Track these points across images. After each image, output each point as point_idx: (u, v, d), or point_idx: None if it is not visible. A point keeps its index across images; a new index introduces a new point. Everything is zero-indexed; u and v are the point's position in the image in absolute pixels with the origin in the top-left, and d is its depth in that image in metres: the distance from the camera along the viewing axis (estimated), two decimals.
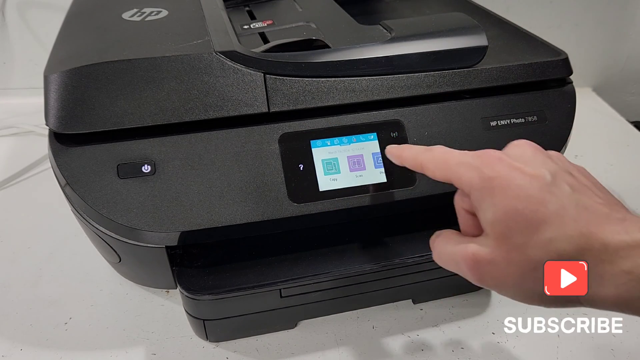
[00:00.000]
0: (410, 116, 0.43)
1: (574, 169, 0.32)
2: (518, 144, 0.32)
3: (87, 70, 0.39)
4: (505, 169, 0.29)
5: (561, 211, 0.28)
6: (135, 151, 0.39)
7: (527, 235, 0.28)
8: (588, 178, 0.31)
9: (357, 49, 0.43)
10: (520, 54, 0.49)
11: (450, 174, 0.32)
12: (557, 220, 0.27)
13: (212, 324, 0.45)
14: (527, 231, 0.28)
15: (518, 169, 0.29)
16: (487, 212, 0.30)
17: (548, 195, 0.28)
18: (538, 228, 0.28)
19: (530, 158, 0.31)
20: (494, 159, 0.30)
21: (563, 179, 0.29)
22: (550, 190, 0.28)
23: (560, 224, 0.27)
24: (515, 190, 0.28)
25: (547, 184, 0.29)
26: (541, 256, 0.28)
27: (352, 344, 0.47)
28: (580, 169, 0.33)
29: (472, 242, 0.31)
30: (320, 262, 0.43)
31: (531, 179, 0.29)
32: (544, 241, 0.27)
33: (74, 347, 0.47)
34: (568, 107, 0.47)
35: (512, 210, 0.28)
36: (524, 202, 0.28)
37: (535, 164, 0.30)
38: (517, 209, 0.28)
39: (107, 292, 0.52)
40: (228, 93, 0.40)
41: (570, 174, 0.30)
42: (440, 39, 0.44)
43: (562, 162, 0.32)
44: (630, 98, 0.99)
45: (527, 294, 0.29)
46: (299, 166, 0.41)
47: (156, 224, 0.38)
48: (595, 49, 0.93)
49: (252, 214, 0.40)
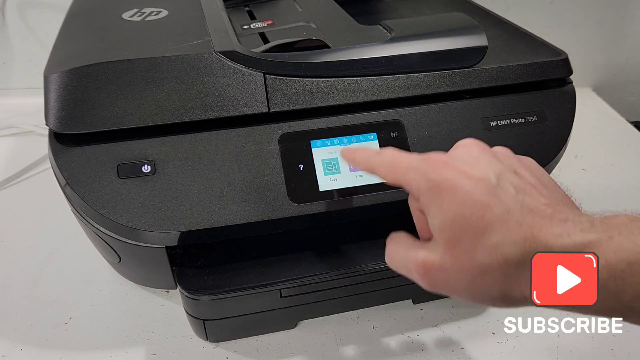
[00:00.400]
0: (410, 116, 0.43)
1: (520, 166, 0.31)
2: (464, 144, 0.32)
3: (87, 70, 0.39)
4: (451, 173, 0.29)
5: (506, 215, 0.28)
6: (135, 151, 0.39)
7: (475, 240, 0.28)
8: (534, 174, 0.31)
9: (357, 49, 0.43)
10: (520, 54, 0.49)
11: (399, 178, 0.32)
12: (502, 224, 0.27)
13: (212, 324, 0.45)
14: (474, 236, 0.28)
15: (464, 172, 0.29)
16: (435, 218, 0.30)
17: (493, 199, 0.28)
18: (484, 233, 0.28)
19: (476, 159, 0.30)
20: (439, 163, 0.30)
21: (508, 180, 0.29)
22: (495, 193, 0.28)
23: (506, 229, 0.27)
24: (462, 196, 0.28)
25: (493, 187, 0.29)
26: (489, 261, 0.28)
27: (352, 344, 0.47)
28: (528, 163, 0.33)
29: (422, 249, 0.31)
30: (320, 262, 0.43)
31: (477, 183, 0.29)
32: (490, 246, 0.28)
33: (74, 347, 0.47)
34: (568, 107, 0.47)
35: (459, 217, 0.28)
36: (470, 207, 0.28)
37: (481, 165, 0.30)
38: (464, 215, 0.28)
39: (107, 292, 0.52)
40: (228, 93, 0.40)
41: (515, 173, 0.30)
42: (440, 39, 0.44)
43: (508, 159, 0.32)
44: (630, 98, 0.99)
45: (478, 297, 0.29)
46: (299, 166, 0.41)
47: (156, 224, 0.38)
48: (595, 49, 0.93)
49: (252, 214, 0.40)
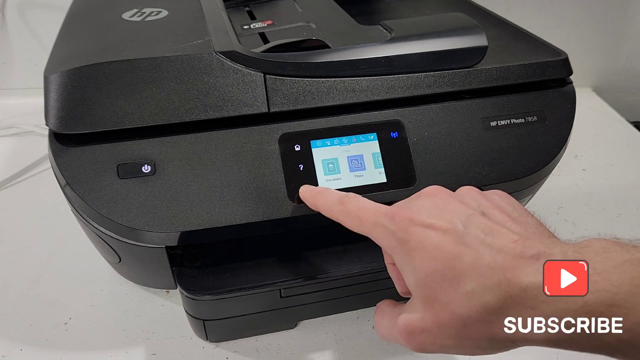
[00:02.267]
0: (410, 116, 0.43)
1: (487, 205, 0.31)
2: (428, 194, 0.32)
3: (87, 70, 0.39)
4: (418, 230, 0.29)
5: (476, 261, 0.27)
6: (135, 151, 0.39)
7: (450, 292, 0.28)
8: (503, 211, 0.30)
9: (357, 49, 0.43)
10: (520, 54, 0.49)
11: (368, 233, 0.32)
12: (475, 271, 0.27)
13: (212, 324, 0.45)
14: (449, 288, 0.28)
15: (430, 226, 0.29)
16: (409, 277, 0.30)
17: (462, 248, 0.28)
18: (459, 283, 0.27)
19: (441, 209, 0.30)
20: (405, 222, 0.30)
21: (475, 225, 0.29)
22: (463, 241, 0.28)
23: (478, 275, 0.27)
24: (431, 251, 0.28)
25: (460, 235, 0.28)
26: (467, 311, 0.27)
27: (352, 344, 0.47)
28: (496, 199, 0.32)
29: (402, 313, 0.30)
30: (320, 262, 0.43)
31: (444, 234, 0.29)
32: (465, 295, 0.27)
33: (74, 347, 0.47)
34: (568, 107, 0.47)
35: (432, 272, 0.28)
36: (441, 260, 0.28)
37: (446, 215, 0.30)
38: (436, 269, 0.28)
39: (107, 292, 0.52)
40: (228, 93, 0.40)
41: (483, 215, 0.30)
42: (440, 39, 0.44)
43: (475, 200, 0.31)
44: (630, 98, 0.99)
45: (467, 350, 0.29)
46: (299, 166, 0.41)
47: (156, 224, 0.38)
48: (595, 49, 0.93)
49: (252, 214, 0.40)
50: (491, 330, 0.27)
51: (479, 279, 0.27)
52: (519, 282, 0.26)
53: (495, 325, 0.27)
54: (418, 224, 0.29)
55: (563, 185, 0.70)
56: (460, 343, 0.28)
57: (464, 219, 0.29)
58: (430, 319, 0.28)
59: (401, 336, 0.30)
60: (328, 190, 0.37)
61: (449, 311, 0.28)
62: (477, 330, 0.27)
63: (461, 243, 0.28)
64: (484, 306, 0.27)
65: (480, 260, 0.27)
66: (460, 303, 0.27)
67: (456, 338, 0.28)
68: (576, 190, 0.69)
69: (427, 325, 0.29)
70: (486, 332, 0.27)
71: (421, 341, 0.29)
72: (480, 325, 0.27)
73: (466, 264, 0.27)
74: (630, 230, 0.61)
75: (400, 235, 0.30)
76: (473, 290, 0.27)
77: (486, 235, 0.28)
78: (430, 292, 0.28)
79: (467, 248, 0.28)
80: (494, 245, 0.27)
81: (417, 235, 0.29)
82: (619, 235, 0.27)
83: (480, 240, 0.28)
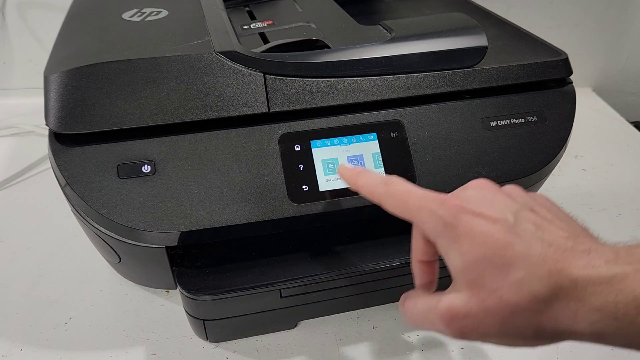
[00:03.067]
0: (410, 116, 0.43)
1: (534, 203, 0.31)
2: (476, 186, 0.32)
3: (87, 70, 0.39)
4: (468, 218, 0.29)
5: (527, 251, 0.27)
6: (135, 151, 0.39)
7: (499, 279, 0.28)
8: (549, 210, 0.31)
9: (357, 49, 0.43)
10: (520, 54, 0.49)
11: (411, 217, 0.32)
12: (525, 261, 0.27)
13: (212, 324, 0.45)
14: (499, 275, 0.28)
15: (480, 215, 0.29)
16: (456, 261, 0.29)
17: (513, 237, 0.28)
18: (508, 271, 0.27)
19: (491, 201, 0.30)
20: (456, 208, 0.30)
21: (525, 218, 0.29)
22: (514, 231, 0.28)
23: (529, 265, 0.27)
24: (481, 238, 0.28)
25: (511, 226, 0.28)
26: (516, 299, 0.27)
27: (352, 344, 0.47)
28: (541, 199, 0.32)
29: (444, 297, 0.30)
30: (320, 262, 0.43)
31: (495, 224, 0.29)
32: (515, 283, 0.27)
33: (74, 347, 0.47)
34: (568, 107, 0.47)
35: (481, 257, 0.28)
36: (490, 247, 0.28)
37: (497, 206, 0.30)
38: (486, 255, 0.28)
39: (107, 292, 0.52)
40: (228, 93, 0.40)
41: (531, 211, 0.30)
42: (440, 39, 0.44)
43: (522, 197, 0.32)
44: (630, 98, 0.99)
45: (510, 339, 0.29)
46: (299, 166, 0.41)
47: (156, 224, 0.38)
48: (595, 49, 0.93)
49: (252, 214, 0.40)
50: (538, 320, 0.27)
51: (530, 268, 0.27)
52: (569, 274, 0.26)
53: (543, 315, 0.27)
54: (468, 212, 0.29)
55: (563, 185, 0.70)
56: (505, 332, 0.28)
57: (514, 211, 0.29)
58: (477, 304, 0.28)
59: (442, 320, 0.30)
60: (369, 171, 0.36)
61: (497, 297, 0.28)
62: (524, 319, 0.27)
63: (512, 233, 0.28)
64: (533, 295, 0.27)
65: (532, 251, 0.27)
66: (510, 290, 0.27)
67: (501, 326, 0.28)
68: (576, 190, 0.69)
69: (472, 311, 0.28)
70: (533, 321, 0.27)
71: (464, 326, 0.29)
72: (528, 314, 0.27)
73: (517, 252, 0.27)
74: (631, 231, 0.61)
75: (449, 220, 0.30)
76: (523, 278, 0.27)
77: (537, 229, 0.28)
78: (477, 277, 0.28)
79: (518, 238, 0.28)
80: (545, 239, 0.28)
81: (467, 221, 0.29)
82: (619, 235, 0.27)
83: (531, 233, 0.28)
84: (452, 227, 0.29)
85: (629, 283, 0.25)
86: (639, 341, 0.25)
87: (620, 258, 0.26)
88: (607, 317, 0.25)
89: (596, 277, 0.25)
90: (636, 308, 0.24)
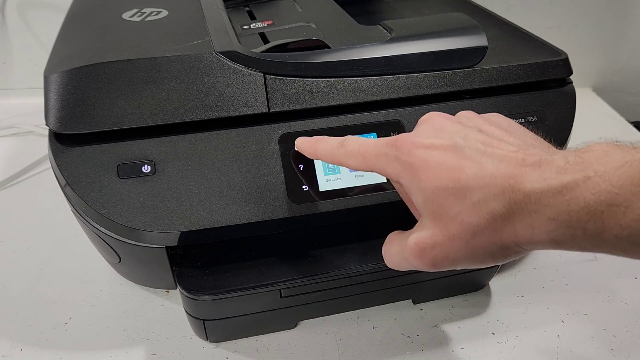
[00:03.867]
0: (410, 116, 0.43)
1: (484, 123, 0.32)
2: (426, 119, 0.33)
3: (87, 70, 0.39)
4: (420, 151, 0.30)
5: (480, 172, 0.28)
6: (135, 151, 0.39)
7: (457, 204, 0.28)
8: (499, 126, 0.32)
9: (357, 49, 0.43)
10: (520, 54, 0.49)
11: (372, 167, 0.33)
12: (479, 181, 0.28)
13: (212, 324, 0.45)
14: (457, 201, 0.29)
15: (431, 146, 0.30)
16: (417, 196, 0.30)
17: (464, 161, 0.29)
18: (465, 195, 0.28)
19: (439, 129, 0.31)
20: (408, 145, 0.31)
21: (474, 139, 0.30)
22: (464, 155, 0.29)
23: (483, 185, 0.28)
24: (435, 168, 0.29)
25: (461, 149, 0.29)
26: (476, 221, 0.28)
27: (352, 344, 0.47)
28: (493, 118, 0.33)
29: (412, 233, 0.31)
30: (320, 262, 0.43)
31: (445, 151, 0.30)
32: (473, 205, 0.28)
33: (74, 347, 0.47)
34: (568, 107, 0.47)
35: (438, 187, 0.29)
36: (445, 175, 0.29)
37: (445, 134, 0.31)
38: (441, 184, 0.29)
39: (107, 292, 0.52)
40: (228, 93, 0.40)
41: (480, 131, 0.31)
42: (440, 39, 0.44)
43: (472, 120, 0.32)
44: (630, 98, 0.99)
45: (479, 259, 0.30)
46: (299, 166, 0.41)
47: (156, 224, 0.38)
48: (595, 49, 0.93)
49: (252, 214, 0.40)
50: (500, 236, 0.28)
51: (484, 189, 0.28)
52: (522, 189, 0.27)
53: (503, 231, 0.28)
54: (419, 145, 0.30)
55: None
56: (472, 253, 0.29)
57: (463, 135, 0.30)
58: (441, 233, 0.29)
59: (413, 255, 0.31)
60: (325, 137, 0.37)
61: (458, 222, 0.29)
62: (486, 237, 0.28)
63: (463, 157, 0.29)
64: (490, 213, 0.28)
65: (483, 171, 0.28)
66: (469, 213, 0.28)
67: (467, 248, 0.29)
68: None
69: (438, 240, 0.30)
70: (495, 238, 0.28)
71: (433, 256, 0.30)
72: (489, 233, 0.28)
73: (470, 175, 0.28)
74: None
75: (404, 158, 0.30)
76: (479, 199, 0.28)
77: (486, 147, 0.29)
78: (438, 208, 0.29)
79: (469, 161, 0.29)
80: (495, 156, 0.29)
81: (420, 156, 0.30)
82: None
83: (481, 152, 0.29)
84: (408, 164, 0.30)
85: (579, 192, 0.25)
86: (592, 246, 0.26)
87: (570, 165, 0.26)
88: (561, 225, 0.26)
89: (548, 188, 0.26)
90: (587, 214, 0.25)
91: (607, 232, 0.25)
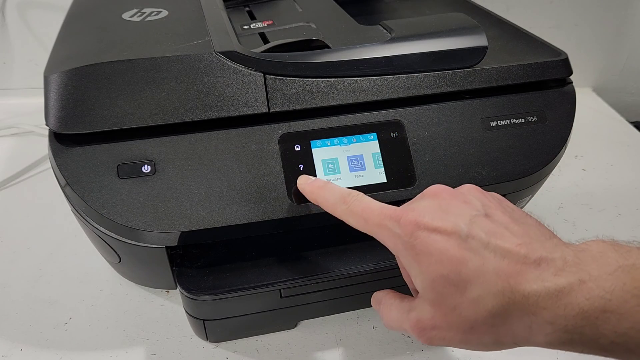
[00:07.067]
0: (410, 116, 0.43)
1: (490, 205, 0.32)
2: (431, 194, 0.33)
3: (87, 70, 0.39)
4: (424, 235, 0.30)
5: (481, 267, 0.28)
6: (135, 151, 0.39)
7: (457, 297, 0.29)
8: (504, 211, 0.31)
9: (357, 49, 0.43)
10: (520, 54, 0.49)
11: (373, 234, 0.33)
12: (480, 277, 0.28)
13: (212, 324, 0.45)
14: (456, 293, 0.29)
15: (435, 230, 0.29)
16: (417, 279, 0.31)
17: (467, 253, 0.28)
18: (465, 288, 0.28)
19: (445, 210, 0.31)
20: (411, 226, 0.30)
21: (479, 226, 0.29)
22: (467, 246, 0.29)
23: (484, 281, 0.28)
24: (437, 256, 0.29)
25: (465, 238, 0.29)
26: (474, 316, 0.28)
27: (352, 344, 0.47)
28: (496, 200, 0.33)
29: (413, 310, 0.32)
30: (320, 262, 0.44)
31: (449, 238, 0.29)
32: (472, 301, 0.28)
33: (74, 347, 0.47)
34: (568, 107, 0.47)
35: (439, 276, 0.29)
36: (447, 265, 0.29)
37: (450, 217, 0.30)
38: (443, 274, 0.29)
39: (107, 292, 0.52)
40: (228, 93, 0.40)
41: (486, 216, 0.30)
42: (440, 39, 0.44)
43: (478, 199, 0.32)
44: (630, 98, 0.99)
45: (473, 347, 0.30)
46: (299, 166, 0.41)
47: (156, 224, 0.38)
48: (595, 49, 0.93)
49: (252, 214, 0.40)
50: (496, 333, 0.28)
51: (484, 286, 0.28)
52: (521, 290, 0.27)
53: (500, 329, 0.28)
54: (423, 227, 0.30)
55: (563, 185, 0.70)
56: (467, 341, 0.30)
57: (468, 221, 0.30)
58: (440, 319, 0.30)
59: (413, 331, 0.31)
60: (328, 185, 0.37)
61: (457, 314, 0.29)
62: (482, 332, 0.29)
63: (465, 248, 0.29)
64: (489, 312, 0.28)
65: (485, 267, 0.28)
66: (467, 308, 0.28)
67: (463, 337, 0.29)
68: (576, 190, 0.69)
69: (437, 323, 0.30)
70: (492, 334, 0.28)
71: (432, 336, 0.31)
72: (486, 328, 0.28)
73: (471, 270, 0.28)
74: (631, 230, 0.61)
75: (406, 239, 0.30)
76: (479, 296, 0.28)
77: (490, 238, 0.29)
78: (437, 296, 0.29)
79: (472, 253, 0.28)
80: (498, 250, 0.28)
81: (423, 239, 0.30)
82: (619, 235, 0.27)
83: (484, 244, 0.29)
84: (410, 246, 0.30)
85: (574, 297, 0.25)
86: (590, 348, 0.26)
87: (567, 266, 0.26)
88: (558, 329, 0.26)
89: (545, 291, 0.26)
90: (582, 320, 0.25)
91: (602, 338, 0.25)
